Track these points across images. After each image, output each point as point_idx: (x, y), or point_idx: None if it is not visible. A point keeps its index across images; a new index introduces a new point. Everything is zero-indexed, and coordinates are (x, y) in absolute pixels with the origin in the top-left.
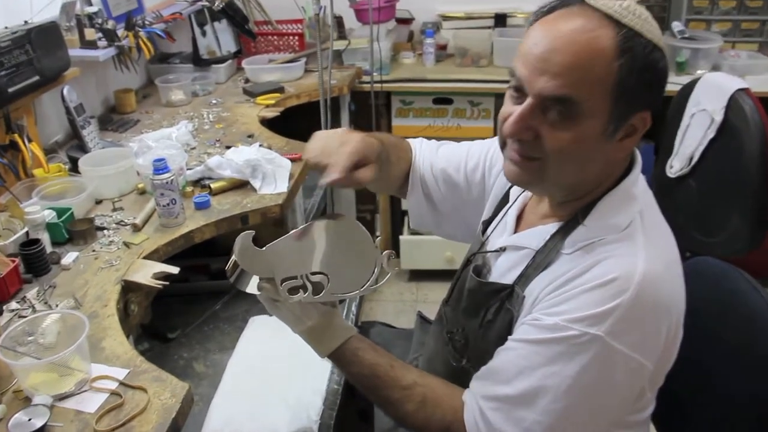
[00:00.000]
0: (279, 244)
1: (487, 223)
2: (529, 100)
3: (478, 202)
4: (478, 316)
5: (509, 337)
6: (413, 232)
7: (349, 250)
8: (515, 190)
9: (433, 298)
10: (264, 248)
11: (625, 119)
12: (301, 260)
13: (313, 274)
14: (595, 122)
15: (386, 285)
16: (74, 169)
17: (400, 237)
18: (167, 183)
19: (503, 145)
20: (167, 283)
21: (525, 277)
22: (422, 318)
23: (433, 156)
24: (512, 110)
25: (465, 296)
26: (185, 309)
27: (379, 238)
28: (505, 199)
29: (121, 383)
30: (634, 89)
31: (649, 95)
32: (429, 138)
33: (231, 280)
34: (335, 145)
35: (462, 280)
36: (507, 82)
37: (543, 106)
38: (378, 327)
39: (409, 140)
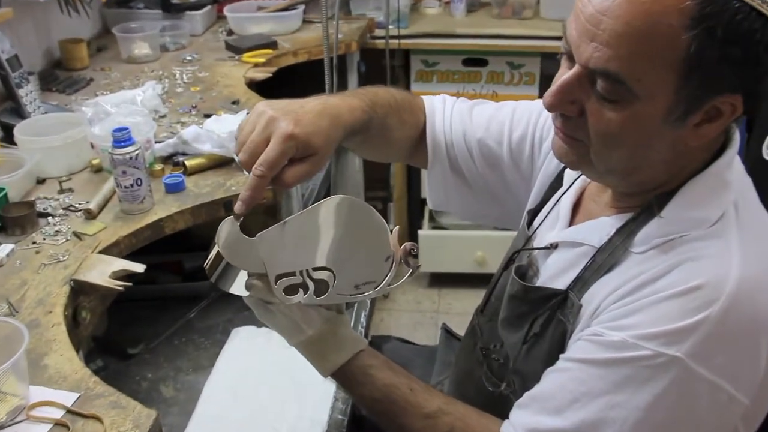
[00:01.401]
0: (273, 232)
1: (535, 213)
2: (575, 68)
3: (524, 183)
4: (522, 329)
5: (561, 355)
6: (435, 226)
7: (359, 241)
8: (571, 172)
9: (458, 308)
10: (255, 237)
11: (702, 102)
12: (301, 252)
13: (316, 269)
14: (653, 104)
15: (400, 290)
16: (8, 139)
17: (419, 231)
18: (130, 159)
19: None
20: (129, 284)
21: (582, 282)
22: (448, 332)
23: (467, 121)
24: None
25: (505, 304)
26: (151, 317)
27: (396, 228)
28: (557, 183)
29: (69, 411)
30: (715, 67)
31: (740, 74)
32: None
33: (212, 279)
34: (270, 127)
35: (501, 284)
36: (556, 39)
37: (591, 78)
38: (393, 342)
39: (427, 98)
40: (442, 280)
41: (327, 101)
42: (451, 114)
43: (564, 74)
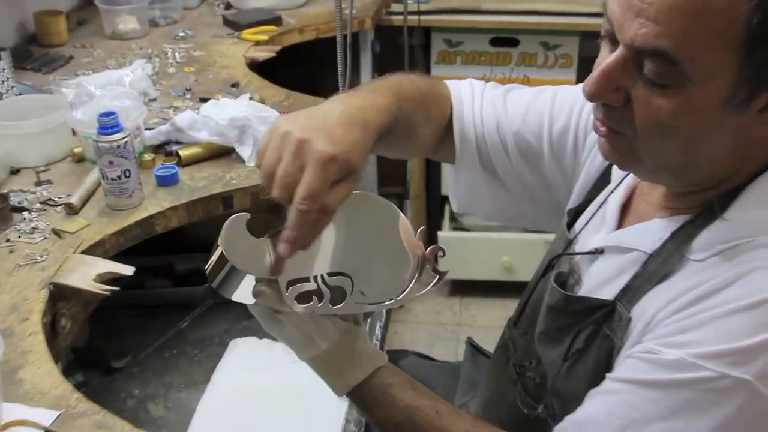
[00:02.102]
0: (273, 238)
1: (577, 213)
2: (619, 50)
3: (566, 181)
4: (563, 344)
5: (608, 375)
6: (457, 227)
7: (380, 244)
8: (618, 170)
9: (482, 320)
10: (264, 237)
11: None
12: (315, 256)
13: (332, 275)
14: (710, 87)
15: (417, 300)
16: None
17: (439, 233)
18: (118, 147)
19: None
20: (115, 288)
21: (632, 292)
22: (474, 347)
23: (500, 110)
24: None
25: (544, 316)
26: (138, 326)
27: (421, 229)
28: (604, 180)
29: (48, 431)
30: None
31: None
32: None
33: (213, 284)
34: (303, 153)
35: (539, 293)
36: (597, 15)
37: (637, 60)
38: (410, 358)
39: (452, 84)
40: (464, 289)
41: (350, 105)
42: (481, 102)
43: (606, 58)
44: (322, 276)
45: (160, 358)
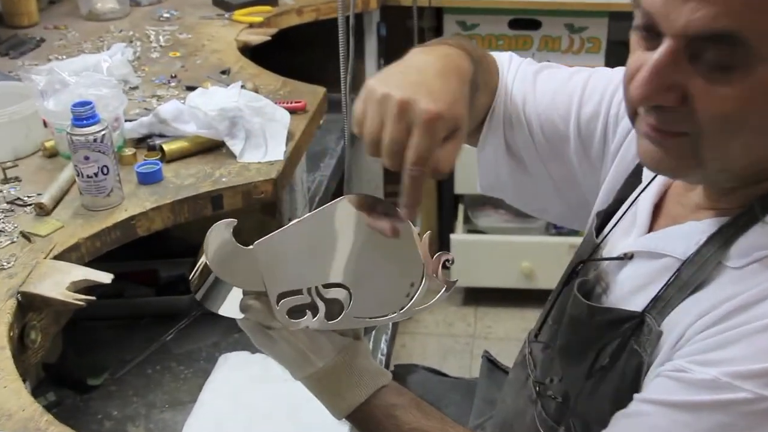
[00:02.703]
0: (275, 239)
1: (606, 215)
2: (667, 44)
3: (593, 173)
4: (586, 360)
5: (636, 395)
6: (472, 229)
7: (381, 251)
8: None
9: (499, 332)
10: (253, 245)
11: None
12: (309, 265)
13: (328, 286)
14: None
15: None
16: None
17: (452, 236)
18: (94, 141)
19: (633, 115)
20: (91, 298)
21: (663, 302)
22: (491, 362)
23: (528, 88)
24: (642, 61)
25: (566, 328)
26: (117, 340)
27: (427, 234)
28: (635, 178)
29: None
30: None
31: None
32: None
33: (197, 296)
34: (406, 114)
35: (561, 303)
36: None
37: (691, 51)
38: (420, 373)
39: (495, 54)
40: (479, 297)
41: (438, 55)
42: (514, 78)
43: (641, 56)
44: (316, 288)
45: (142, 375)
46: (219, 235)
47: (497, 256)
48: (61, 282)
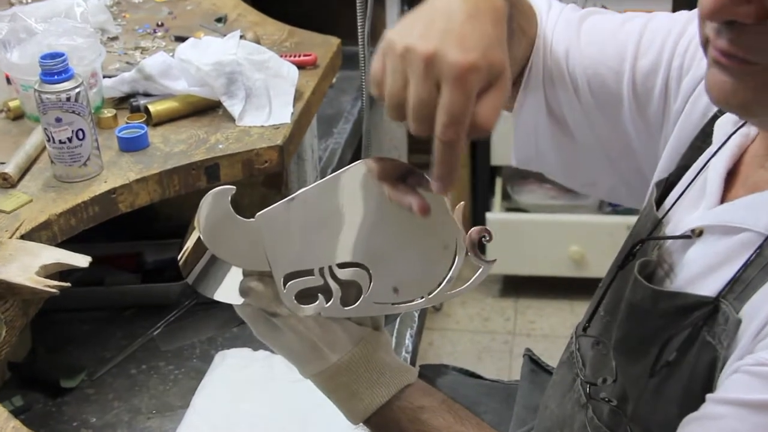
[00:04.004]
0: (280, 211)
1: (668, 185)
2: None
3: (651, 137)
4: (648, 355)
5: (709, 395)
6: (511, 207)
7: (405, 225)
8: (725, 125)
9: (544, 327)
10: (255, 217)
11: None
12: (321, 241)
13: (343, 266)
14: None
15: (459, 300)
16: None
17: (488, 214)
18: (68, 100)
19: (705, 42)
20: (66, 285)
21: (742, 285)
22: (534, 362)
23: (573, 38)
24: None
25: (624, 319)
26: (96, 335)
27: (460, 205)
28: (703, 140)
29: None
30: None
31: None
32: None
33: (189, 279)
34: (433, 68)
35: (616, 289)
36: None
37: None
38: (451, 375)
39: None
40: (519, 287)
41: None
42: (555, 25)
43: None
44: (330, 268)
45: (124, 376)
46: (214, 204)
47: (541, 238)
48: (29, 266)
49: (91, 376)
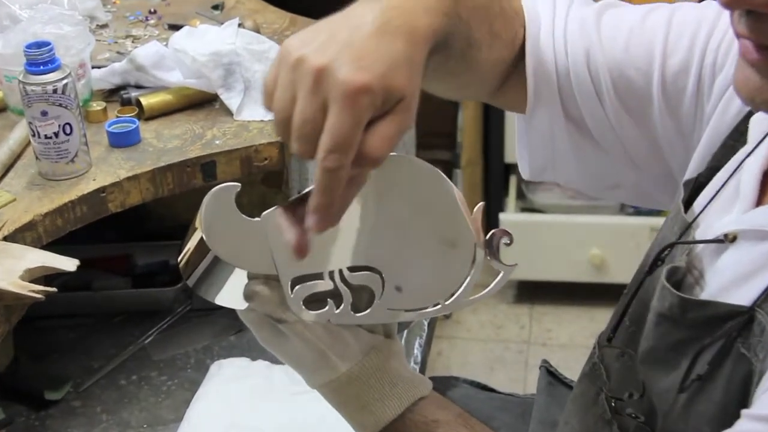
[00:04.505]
0: (288, 210)
1: (699, 185)
2: None
3: (682, 139)
4: (678, 367)
5: (744, 411)
6: (526, 207)
7: (420, 226)
8: (760, 123)
9: (562, 337)
10: (261, 216)
11: None
12: (332, 243)
13: (354, 270)
14: None
15: (470, 307)
16: None
17: (501, 215)
18: (54, 92)
19: (736, 34)
20: (52, 290)
21: None
22: (551, 374)
23: (592, 36)
24: None
25: (651, 329)
26: (83, 343)
27: (480, 206)
28: (736, 139)
29: None
30: None
31: None
32: None
33: (189, 282)
34: (323, 85)
35: (643, 297)
36: None
37: None
38: (462, 388)
39: None
40: (535, 293)
41: (387, 6)
42: (565, 23)
43: None
44: (340, 271)
45: (113, 387)
46: (218, 203)
47: (559, 241)
48: (13, 269)
49: (77, 388)
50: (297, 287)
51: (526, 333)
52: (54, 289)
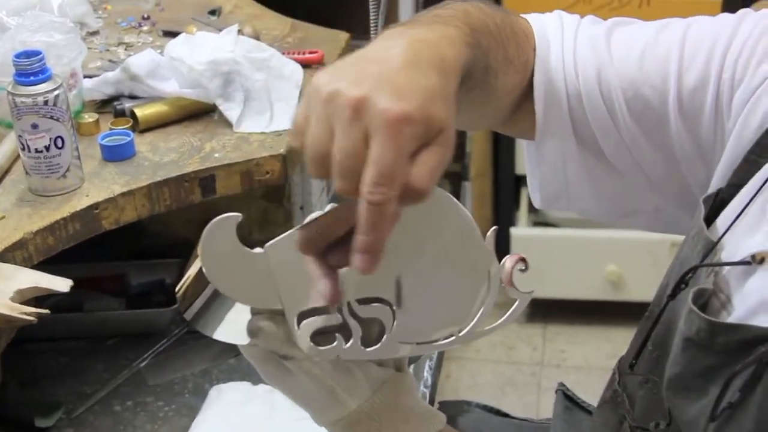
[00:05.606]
0: (292, 240)
1: (717, 201)
2: None
3: (701, 159)
4: (707, 395)
5: None
6: (539, 221)
7: (433, 254)
8: None
9: (576, 358)
10: (264, 248)
11: None
12: (339, 275)
13: (363, 302)
14: None
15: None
16: None
17: (512, 230)
18: (45, 104)
19: None
20: (45, 311)
21: None
22: (569, 399)
23: (603, 56)
24: None
25: (678, 355)
26: (75, 367)
27: (493, 230)
28: (760, 154)
29: None
30: None
31: None
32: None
33: (186, 315)
34: (361, 118)
35: (667, 321)
36: None
37: None
38: (474, 413)
39: (534, 18)
40: (548, 312)
41: (413, 39)
42: (574, 44)
43: None
44: (349, 304)
45: (108, 414)
46: (218, 234)
47: (574, 257)
48: (3, 290)
49: (69, 414)
50: (303, 322)
51: (539, 354)
52: (47, 311)
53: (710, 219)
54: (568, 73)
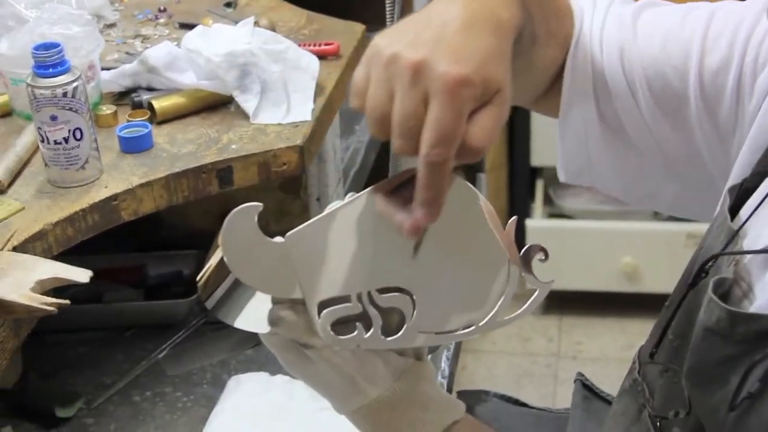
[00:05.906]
0: (314, 230)
1: (746, 192)
2: None
3: (722, 143)
4: (727, 385)
5: None
6: (554, 213)
7: (452, 244)
8: None
9: (593, 350)
10: (285, 237)
11: None
12: (360, 264)
13: (384, 291)
14: None
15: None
16: None
17: (528, 222)
18: (64, 96)
19: None
20: (65, 302)
21: None
22: (587, 389)
23: (628, 35)
24: None
25: (697, 344)
26: (94, 358)
27: (512, 221)
28: None
29: None
30: None
31: None
32: None
33: (207, 304)
34: (421, 80)
35: (687, 310)
36: None
37: None
38: (492, 402)
39: None
40: (565, 304)
41: (465, 3)
42: (603, 22)
43: None
44: (369, 293)
45: (127, 404)
46: (240, 224)
47: (589, 249)
48: (23, 281)
49: (89, 405)
50: (324, 311)
51: (555, 346)
52: (67, 302)
53: (735, 209)
54: (593, 49)
